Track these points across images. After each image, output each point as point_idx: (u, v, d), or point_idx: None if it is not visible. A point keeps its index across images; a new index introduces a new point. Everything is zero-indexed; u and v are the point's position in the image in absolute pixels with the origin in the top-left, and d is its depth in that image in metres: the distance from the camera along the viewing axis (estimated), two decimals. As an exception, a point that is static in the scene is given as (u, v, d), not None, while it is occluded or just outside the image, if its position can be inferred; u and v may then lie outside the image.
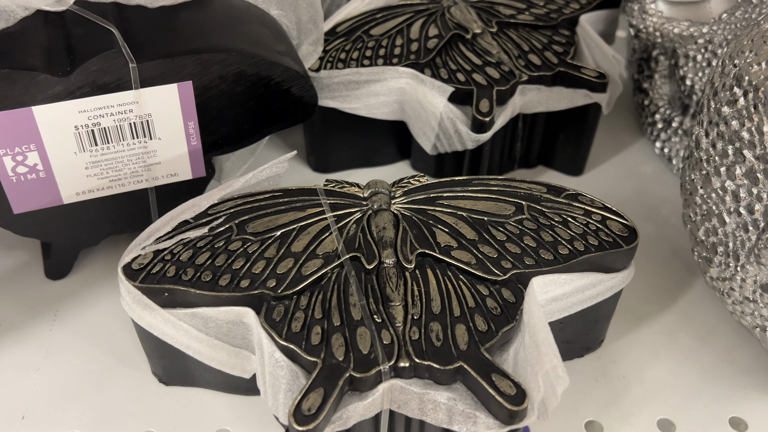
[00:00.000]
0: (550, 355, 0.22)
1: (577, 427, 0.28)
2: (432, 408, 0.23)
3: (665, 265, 0.35)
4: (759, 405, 0.29)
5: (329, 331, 0.24)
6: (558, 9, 0.39)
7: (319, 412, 0.21)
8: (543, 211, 0.27)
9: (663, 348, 0.31)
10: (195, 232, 0.26)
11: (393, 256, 0.26)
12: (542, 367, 0.22)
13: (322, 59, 0.35)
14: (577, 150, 0.38)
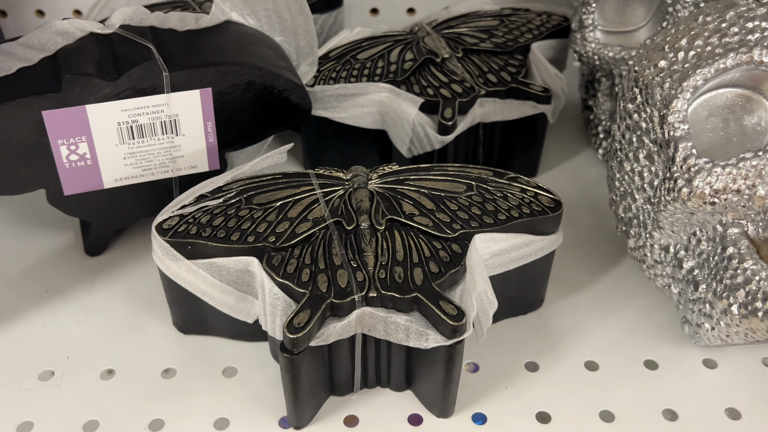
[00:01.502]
0: (482, 283, 0.29)
1: (519, 366, 0.34)
2: (394, 329, 0.29)
3: (600, 245, 0.41)
4: (669, 351, 0.35)
5: (315, 272, 0.30)
6: (514, 38, 0.46)
7: (306, 326, 0.28)
8: (488, 189, 0.34)
9: (593, 308, 0.37)
10: (212, 202, 0.33)
11: (368, 221, 0.33)
12: (475, 290, 0.29)
13: (317, 77, 0.43)
14: (530, 153, 0.45)
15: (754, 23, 0.29)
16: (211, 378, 0.34)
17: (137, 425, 0.32)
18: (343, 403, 0.33)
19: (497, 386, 0.34)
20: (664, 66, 0.31)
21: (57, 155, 0.35)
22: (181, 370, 0.34)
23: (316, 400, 0.32)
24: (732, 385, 0.34)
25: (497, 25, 0.48)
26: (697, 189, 0.28)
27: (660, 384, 0.34)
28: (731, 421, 0.32)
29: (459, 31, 0.47)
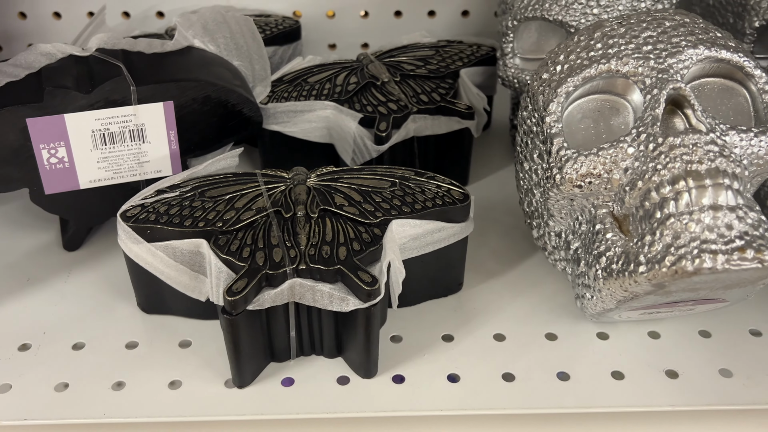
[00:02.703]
0: (391, 254, 0.34)
1: (437, 338, 0.40)
2: (320, 296, 0.35)
3: (516, 241, 0.47)
4: (568, 326, 0.40)
5: (255, 250, 0.36)
6: (446, 65, 0.53)
7: (243, 291, 0.33)
8: (409, 185, 0.40)
9: (506, 292, 0.43)
10: (169, 195, 0.39)
11: (303, 210, 0.38)
12: (386, 259, 0.34)
13: (271, 96, 0.49)
14: (460, 163, 0.51)
15: (614, 40, 0.35)
16: (169, 349, 0.39)
17: (101, 386, 0.36)
18: (282, 368, 0.38)
19: (416, 354, 0.39)
20: (546, 77, 0.37)
21: (39, 158, 0.41)
22: (143, 343, 0.39)
23: (257, 363, 0.37)
24: (619, 353, 0.39)
25: (433, 55, 0.54)
26: (566, 175, 0.34)
27: (557, 352, 0.39)
28: (615, 381, 0.37)
29: (399, 59, 0.53)
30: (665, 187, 0.31)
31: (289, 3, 0.62)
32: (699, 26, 0.36)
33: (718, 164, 0.30)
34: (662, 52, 0.34)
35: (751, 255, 0.28)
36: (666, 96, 0.33)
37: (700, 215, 0.29)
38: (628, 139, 0.33)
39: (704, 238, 0.29)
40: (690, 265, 0.28)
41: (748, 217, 0.29)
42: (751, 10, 0.50)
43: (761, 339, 0.40)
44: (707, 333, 0.40)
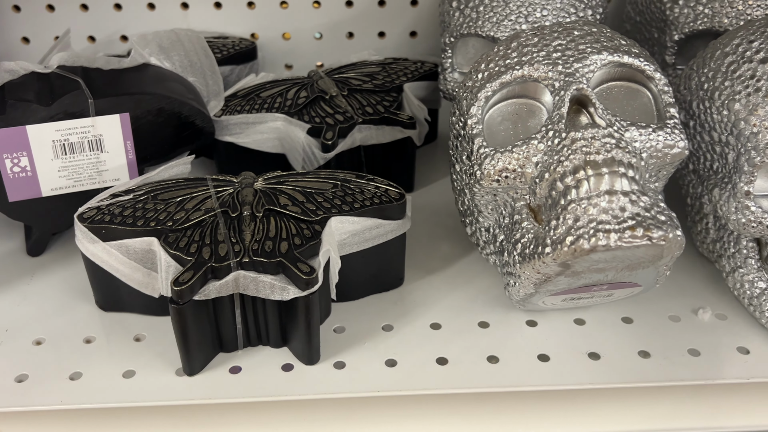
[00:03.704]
0: (327, 245, 0.37)
1: (377, 328, 0.42)
2: (262, 286, 0.37)
3: (456, 241, 0.50)
4: (500, 315, 0.43)
5: (201, 246, 0.39)
6: (391, 80, 0.56)
7: (189, 282, 0.36)
8: (350, 186, 0.43)
9: (444, 286, 0.46)
10: (124, 198, 0.41)
11: (249, 210, 0.41)
12: (323, 251, 0.37)
13: (224, 110, 0.52)
14: (405, 170, 0.54)
15: (528, 48, 0.39)
16: (124, 343, 0.41)
17: (59, 377, 0.39)
18: (230, 357, 0.40)
19: (357, 343, 0.41)
20: (469, 84, 0.40)
21: (2, 167, 0.43)
22: (99, 338, 0.41)
23: (206, 353, 0.39)
24: (546, 338, 0.42)
25: (379, 71, 0.58)
26: (485, 170, 0.37)
27: (488, 338, 0.42)
28: (541, 363, 0.40)
29: (347, 75, 0.57)
30: (568, 177, 0.34)
31: (248, 26, 0.65)
32: (605, 35, 0.39)
33: (614, 155, 0.33)
34: (570, 58, 0.38)
35: (641, 233, 0.31)
36: (570, 96, 0.36)
37: (598, 200, 0.32)
38: (538, 136, 0.36)
39: (600, 219, 0.32)
40: (587, 243, 0.31)
41: (641, 201, 0.32)
42: (671, 25, 0.54)
43: (679, 324, 0.43)
44: (629, 319, 0.43)
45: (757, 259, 0.42)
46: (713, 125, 0.41)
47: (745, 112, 0.39)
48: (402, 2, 0.65)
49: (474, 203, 0.41)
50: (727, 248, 0.44)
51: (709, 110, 0.42)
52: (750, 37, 0.41)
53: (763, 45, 0.40)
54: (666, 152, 0.36)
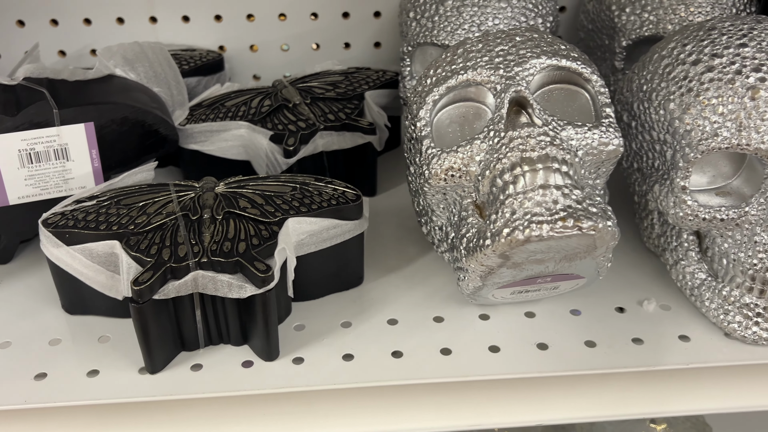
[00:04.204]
0: (282, 243, 0.39)
1: (336, 325, 0.44)
2: (220, 285, 0.39)
3: (414, 241, 0.52)
4: (454, 310, 0.45)
5: (162, 247, 0.40)
6: (353, 89, 0.58)
7: (148, 282, 0.37)
8: (309, 189, 0.45)
9: (403, 284, 0.47)
10: (87, 203, 0.43)
11: (210, 213, 0.43)
12: (278, 249, 0.39)
13: (189, 119, 0.53)
14: (367, 175, 0.56)
15: (472, 54, 0.41)
16: (89, 344, 0.42)
17: (25, 377, 0.40)
18: (192, 356, 0.42)
19: (317, 339, 0.43)
20: (419, 90, 0.42)
21: (-31, 176, 0.45)
22: (65, 340, 0.43)
23: (167, 351, 0.41)
24: (498, 330, 0.44)
25: (342, 80, 0.60)
26: (432, 170, 0.39)
27: (442, 332, 0.43)
28: (491, 354, 0.42)
29: (311, 84, 0.59)
30: (506, 173, 0.36)
31: (216, 38, 0.67)
32: (545, 40, 0.42)
33: (548, 151, 0.35)
34: (510, 62, 0.40)
35: (572, 223, 0.33)
36: (509, 98, 0.38)
37: (532, 194, 0.34)
38: (481, 136, 0.38)
39: (534, 212, 0.34)
40: (521, 234, 0.33)
41: (573, 194, 0.34)
42: (619, 32, 0.57)
43: (625, 314, 0.45)
44: (577, 311, 0.45)
45: (697, 251, 0.44)
46: (652, 125, 0.43)
47: (679, 111, 0.41)
48: (365, 14, 0.67)
49: (427, 203, 0.43)
50: (670, 242, 0.46)
51: (648, 110, 0.44)
52: (684, 41, 0.43)
53: (695, 48, 0.42)
54: (601, 149, 0.38)
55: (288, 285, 0.41)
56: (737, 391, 0.42)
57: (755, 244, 0.41)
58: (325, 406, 0.40)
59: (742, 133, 0.39)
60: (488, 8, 0.52)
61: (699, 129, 0.40)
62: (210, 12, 0.66)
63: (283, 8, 0.66)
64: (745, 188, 0.42)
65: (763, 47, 0.40)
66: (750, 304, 0.42)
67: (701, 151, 0.40)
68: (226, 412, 0.40)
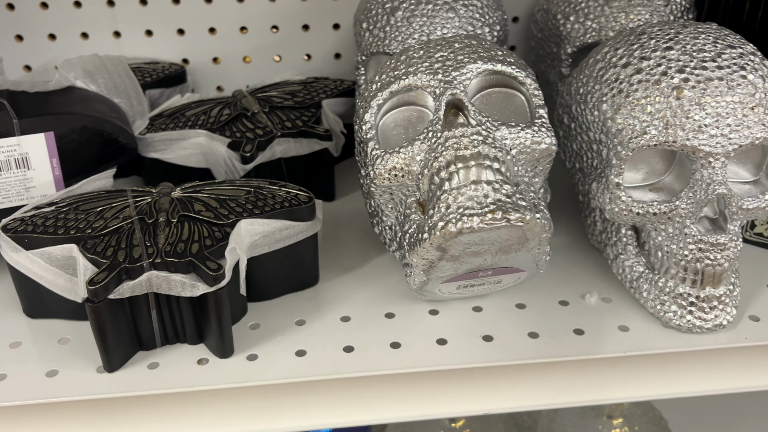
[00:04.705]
0: (233, 243, 0.40)
1: (291, 323, 0.45)
2: (174, 284, 0.40)
3: (370, 243, 0.53)
4: (405, 307, 0.47)
5: (117, 250, 0.41)
6: (311, 97, 0.60)
7: (103, 281, 0.39)
8: (262, 192, 0.47)
9: (357, 283, 0.49)
10: (46, 210, 0.44)
11: (165, 217, 0.44)
12: (228, 248, 0.40)
13: (150, 128, 0.55)
14: (325, 180, 0.58)
15: (414, 60, 0.43)
16: (49, 346, 0.44)
17: (-16, 378, 0.41)
18: (149, 355, 0.43)
19: (271, 337, 0.44)
20: (365, 95, 0.44)
21: (-69, 186, 0.46)
22: (25, 342, 0.44)
23: (124, 350, 0.42)
24: (446, 324, 0.45)
25: (301, 89, 0.62)
26: (377, 170, 0.41)
27: (393, 327, 0.45)
28: (439, 346, 0.43)
29: (270, 94, 0.61)
30: (442, 171, 0.38)
31: (179, 52, 0.69)
32: (482, 46, 0.44)
33: (480, 149, 0.37)
34: (449, 67, 0.42)
35: (500, 215, 0.35)
36: (446, 101, 0.40)
37: (465, 189, 0.36)
38: (421, 137, 0.40)
39: (466, 206, 0.36)
40: (453, 227, 0.35)
41: (503, 189, 0.36)
42: (564, 39, 0.59)
43: (568, 307, 0.47)
44: (523, 305, 0.47)
45: (635, 245, 0.47)
46: (589, 125, 0.46)
47: (611, 111, 0.43)
48: (325, 26, 0.69)
49: (377, 203, 0.45)
50: (610, 237, 0.48)
51: (584, 112, 0.46)
52: (616, 46, 0.46)
53: (626, 52, 0.44)
54: (534, 148, 0.40)
55: (240, 284, 0.43)
56: (674, 378, 0.44)
57: (686, 236, 0.43)
58: (279, 400, 0.42)
59: (668, 130, 0.41)
60: (436, 18, 0.54)
61: (629, 128, 0.42)
62: (172, 26, 0.68)
63: (244, 22, 0.68)
64: (675, 184, 0.45)
65: (687, 50, 0.43)
66: (683, 294, 0.44)
67: (632, 149, 0.42)
68: (182, 408, 0.41)
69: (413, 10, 0.54)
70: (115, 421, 0.41)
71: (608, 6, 0.57)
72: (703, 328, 0.44)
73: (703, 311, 0.44)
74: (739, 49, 0.43)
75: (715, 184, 0.42)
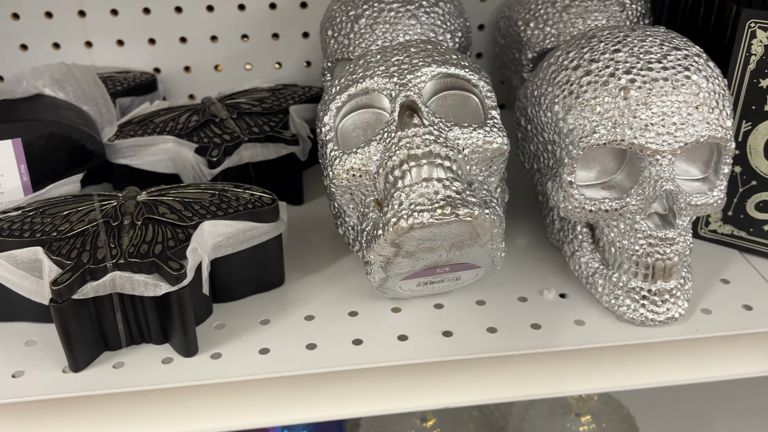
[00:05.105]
0: (195, 245, 0.41)
1: (256, 323, 0.46)
2: (137, 284, 0.41)
3: (336, 245, 0.54)
4: (369, 305, 0.48)
5: (82, 252, 0.42)
6: (279, 104, 0.61)
7: (66, 282, 0.40)
8: (227, 195, 0.48)
9: (322, 283, 0.50)
10: (13, 214, 0.45)
11: (130, 219, 0.45)
12: (189, 248, 0.41)
13: (118, 135, 0.56)
14: (293, 184, 0.59)
15: (371, 64, 0.44)
16: (15, 347, 0.44)
17: (-50, 380, 0.42)
18: (115, 355, 0.44)
19: (236, 336, 0.45)
20: (325, 98, 0.46)
21: None
22: (-8, 345, 0.45)
23: (90, 351, 0.43)
24: (407, 321, 0.46)
25: (269, 96, 0.63)
26: (335, 170, 0.42)
27: (356, 325, 0.46)
28: (400, 342, 0.44)
29: (238, 101, 0.62)
30: (396, 170, 0.39)
31: (150, 61, 0.70)
32: (438, 51, 0.45)
33: (432, 148, 0.39)
34: (404, 71, 0.43)
35: (449, 211, 0.36)
36: (400, 102, 0.41)
37: (417, 186, 0.38)
38: (377, 138, 0.42)
39: (417, 202, 0.37)
40: (405, 222, 0.36)
41: (453, 186, 0.38)
42: (525, 45, 0.61)
43: (526, 303, 0.48)
44: (483, 302, 0.48)
45: (591, 242, 0.48)
46: (543, 126, 0.47)
47: (562, 112, 0.45)
48: (294, 35, 0.71)
49: (339, 204, 0.46)
50: (567, 235, 0.50)
51: (538, 114, 0.47)
52: (568, 49, 0.47)
53: (577, 55, 0.46)
54: (486, 147, 0.42)
55: (203, 284, 0.44)
56: (629, 370, 0.46)
57: (636, 231, 0.44)
58: (242, 397, 0.43)
59: (616, 129, 0.43)
60: (399, 25, 0.55)
61: (580, 128, 0.44)
62: (143, 36, 0.69)
63: (215, 31, 0.69)
64: (626, 182, 0.46)
65: (634, 52, 0.44)
66: (636, 288, 0.45)
67: (582, 148, 0.44)
68: (147, 407, 0.42)
69: (376, 18, 0.56)
70: (81, 420, 0.41)
71: (566, 12, 0.59)
72: (656, 320, 0.45)
73: (656, 304, 0.45)
74: (684, 51, 0.44)
75: (662, 181, 0.43)
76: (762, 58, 0.48)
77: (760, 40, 0.47)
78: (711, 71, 0.44)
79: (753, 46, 0.48)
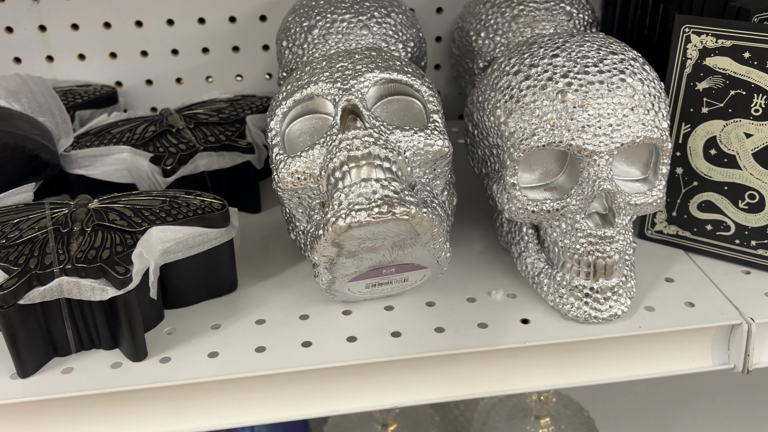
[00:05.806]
0: (139, 248, 0.42)
1: (206, 328, 0.47)
2: (84, 289, 0.42)
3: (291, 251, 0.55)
4: (320, 308, 0.48)
5: (29, 258, 0.43)
6: (236, 114, 0.62)
7: (12, 287, 0.40)
8: (177, 201, 0.48)
9: (276, 288, 0.51)
10: (-37, 223, 0.45)
11: (80, 226, 0.45)
12: (135, 253, 0.42)
13: (75, 145, 0.56)
14: (250, 192, 0.60)
15: (316, 71, 0.45)
16: (-35, 356, 0.44)
17: None
18: (64, 361, 0.44)
19: (186, 341, 0.46)
20: (272, 104, 0.47)
21: None
22: (-59, 353, 0.45)
23: (38, 356, 0.43)
24: (357, 323, 0.47)
25: (227, 106, 0.64)
26: (280, 174, 0.43)
27: (306, 327, 0.47)
28: (348, 343, 0.45)
29: (196, 111, 0.63)
30: (337, 171, 0.40)
31: (112, 74, 0.71)
32: (382, 57, 0.46)
33: (371, 150, 0.40)
34: (348, 76, 0.44)
35: (386, 209, 0.37)
36: (342, 106, 0.42)
37: (356, 186, 0.38)
38: (321, 142, 0.43)
39: (355, 202, 0.38)
40: (343, 221, 0.37)
41: (390, 186, 0.39)
42: (476, 55, 0.62)
43: (474, 303, 0.49)
44: (432, 303, 0.49)
45: (536, 243, 0.49)
46: (488, 131, 0.48)
47: (504, 116, 0.46)
48: (254, 47, 0.72)
49: (289, 208, 0.47)
50: (514, 237, 0.51)
51: (483, 118, 0.49)
52: (510, 56, 0.49)
53: (517, 61, 0.47)
54: (428, 150, 0.43)
55: (151, 288, 0.44)
56: (574, 367, 0.47)
57: (577, 231, 0.45)
58: (190, 400, 0.43)
59: (555, 131, 0.44)
60: (351, 35, 0.57)
61: (520, 131, 0.45)
62: (104, 50, 0.69)
63: (175, 44, 0.70)
64: (568, 183, 0.47)
65: (572, 56, 0.46)
66: (579, 286, 0.46)
67: (523, 150, 0.45)
68: (95, 411, 0.42)
69: (329, 28, 0.57)
70: (30, 426, 0.42)
71: (515, 22, 0.60)
72: (599, 318, 0.46)
73: (598, 302, 0.46)
74: (621, 55, 0.46)
75: (600, 181, 0.44)
76: (697, 62, 0.49)
77: (694, 45, 0.49)
78: (647, 74, 0.46)
79: (688, 50, 0.49)
